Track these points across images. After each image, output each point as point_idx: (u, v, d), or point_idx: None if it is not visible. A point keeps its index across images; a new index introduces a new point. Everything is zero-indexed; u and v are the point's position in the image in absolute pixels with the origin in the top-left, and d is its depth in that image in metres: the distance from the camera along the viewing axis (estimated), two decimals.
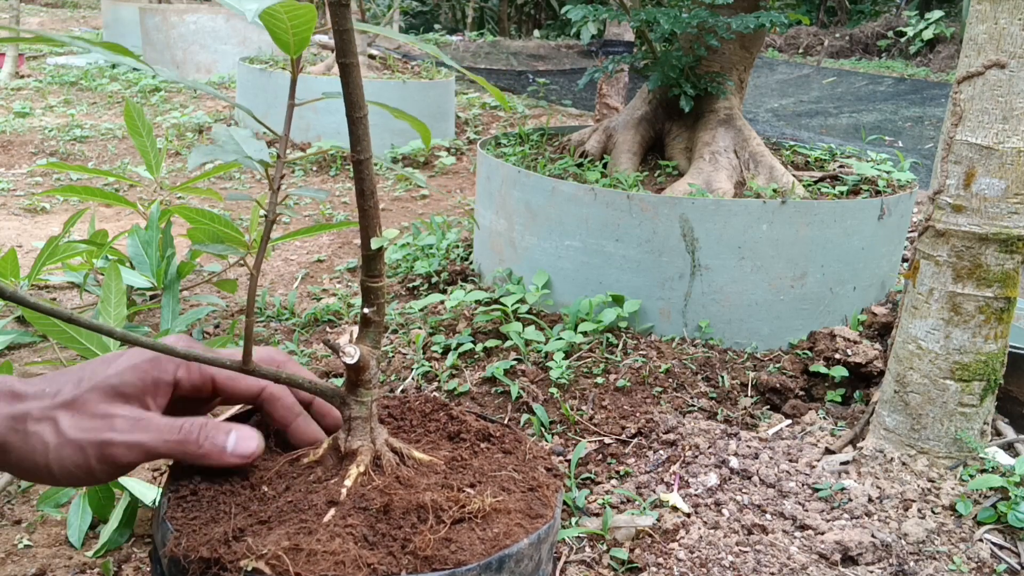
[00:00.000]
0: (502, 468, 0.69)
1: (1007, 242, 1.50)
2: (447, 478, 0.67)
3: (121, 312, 1.81)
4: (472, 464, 0.70)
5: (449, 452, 0.72)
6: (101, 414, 0.61)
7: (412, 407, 0.79)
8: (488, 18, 13.19)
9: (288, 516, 0.62)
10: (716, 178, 2.34)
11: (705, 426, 1.78)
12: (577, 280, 2.21)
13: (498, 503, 0.63)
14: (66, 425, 0.61)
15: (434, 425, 0.77)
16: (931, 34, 9.88)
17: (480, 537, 0.59)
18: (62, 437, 0.60)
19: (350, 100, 0.59)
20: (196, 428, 0.63)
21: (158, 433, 0.62)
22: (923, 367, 1.60)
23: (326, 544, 0.58)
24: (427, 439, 0.75)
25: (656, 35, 2.49)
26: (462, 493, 0.64)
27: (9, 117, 5.17)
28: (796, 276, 2.12)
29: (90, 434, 0.61)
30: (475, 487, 0.66)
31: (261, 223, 2.53)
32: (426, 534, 0.58)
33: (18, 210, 3.49)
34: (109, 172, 2.60)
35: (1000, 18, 1.42)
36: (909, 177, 2.47)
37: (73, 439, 0.60)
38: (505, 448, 0.73)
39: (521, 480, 0.67)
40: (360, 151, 0.62)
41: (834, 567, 1.39)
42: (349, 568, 0.56)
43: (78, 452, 0.60)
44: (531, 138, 2.94)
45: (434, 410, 0.79)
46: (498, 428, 0.76)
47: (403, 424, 0.77)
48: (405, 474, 0.67)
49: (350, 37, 0.57)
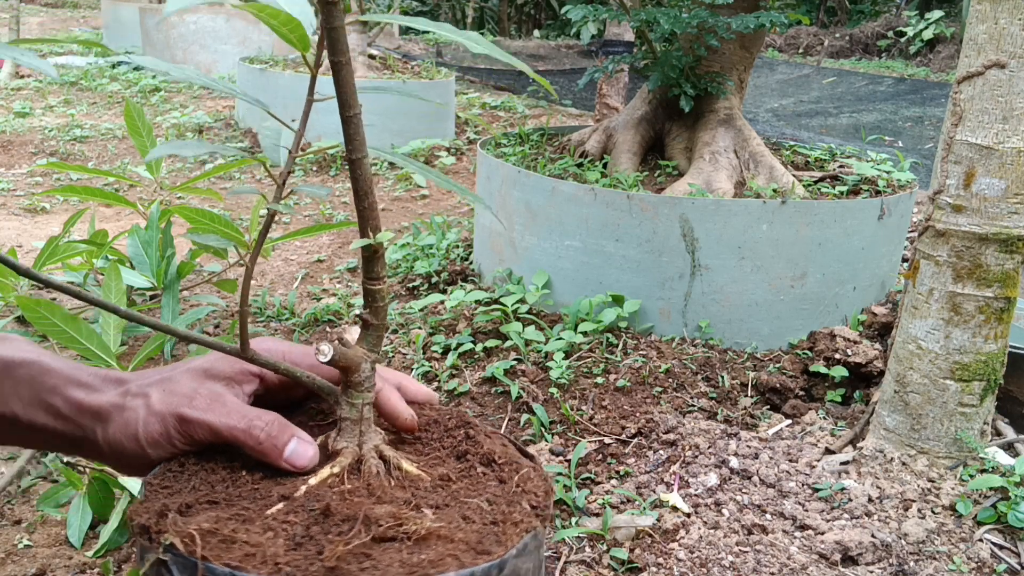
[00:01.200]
0: (480, 495, 0.66)
1: (1007, 242, 1.50)
2: (415, 495, 0.65)
3: None
4: (452, 486, 0.67)
5: (446, 470, 0.70)
6: (185, 391, 0.66)
7: (439, 419, 0.78)
8: (488, 18, 13.20)
9: (238, 501, 0.63)
10: (716, 178, 2.34)
11: (705, 426, 1.78)
12: (577, 280, 2.21)
13: (440, 528, 0.59)
14: (155, 399, 0.66)
15: (450, 441, 0.74)
16: (931, 34, 9.88)
17: (402, 560, 0.56)
18: (150, 409, 0.65)
19: (342, 99, 0.59)
20: (263, 423, 0.66)
21: (227, 418, 0.65)
22: (923, 367, 1.60)
23: (249, 535, 0.57)
24: (435, 454, 0.72)
25: (656, 35, 2.49)
26: (407, 512, 0.61)
27: (9, 117, 5.17)
28: (796, 276, 2.12)
29: (172, 407, 0.65)
30: (437, 509, 0.63)
31: (261, 223, 2.53)
32: (338, 545, 0.56)
33: (18, 210, 3.49)
34: (109, 172, 2.60)
35: (1000, 18, 1.42)
36: (909, 177, 2.47)
37: (158, 411, 0.65)
38: (502, 476, 0.70)
39: (490, 511, 0.63)
40: (353, 150, 0.61)
41: (834, 567, 1.39)
42: (257, 562, 0.55)
43: (160, 422, 0.65)
44: (531, 138, 2.94)
45: (457, 426, 0.76)
46: (506, 454, 0.72)
47: (422, 435, 0.75)
48: (379, 483, 0.65)
49: (340, 35, 0.57)
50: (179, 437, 0.65)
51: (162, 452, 0.65)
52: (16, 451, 1.75)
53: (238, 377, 0.69)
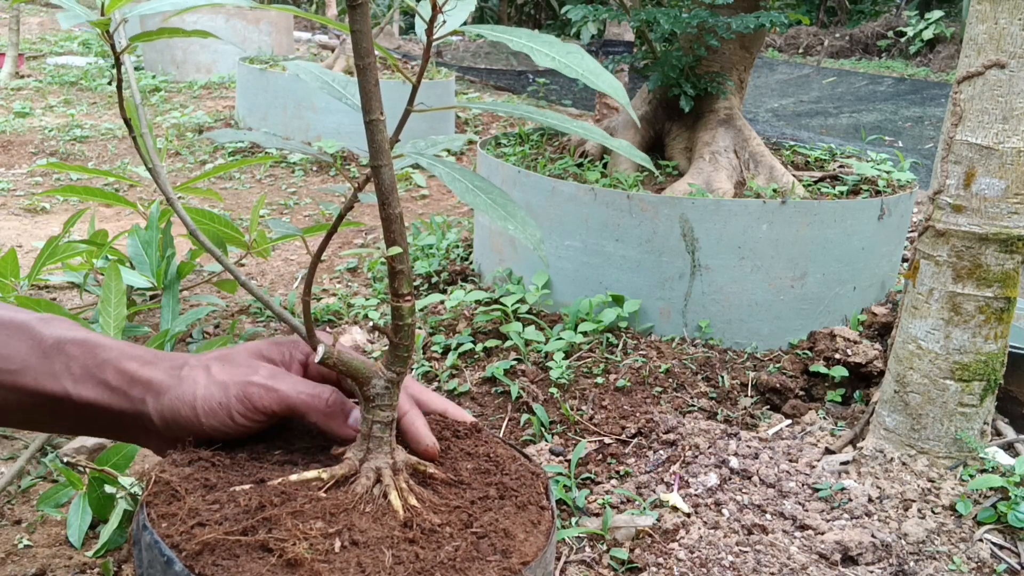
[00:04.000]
0: (456, 570, 0.62)
1: (1007, 242, 1.50)
2: (367, 534, 0.63)
3: (121, 312, 1.81)
4: (442, 542, 0.64)
5: (452, 519, 0.66)
6: (247, 364, 0.70)
7: (490, 455, 0.75)
8: (488, 18, 13.20)
9: (228, 474, 0.67)
10: (716, 178, 2.34)
11: (705, 426, 1.78)
12: (577, 280, 2.21)
13: (318, 555, 0.59)
14: (216, 370, 0.68)
15: (478, 486, 0.72)
16: (931, 34, 9.88)
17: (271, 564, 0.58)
18: (212, 378, 0.68)
19: (367, 103, 0.57)
20: (328, 391, 0.69)
21: (295, 385, 0.68)
22: (923, 367, 1.60)
23: (199, 500, 0.62)
24: (454, 499, 0.69)
25: (656, 35, 2.49)
26: (312, 545, 0.60)
27: (9, 117, 5.17)
28: (796, 276, 2.12)
29: (235, 376, 0.68)
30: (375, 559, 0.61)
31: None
32: (218, 535, 0.58)
33: (18, 210, 3.49)
34: (109, 172, 2.60)
35: (1000, 18, 1.42)
36: (909, 177, 2.47)
37: (220, 380, 0.68)
38: (507, 549, 0.65)
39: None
40: (377, 157, 0.59)
41: (834, 567, 1.39)
42: (175, 520, 0.59)
43: (222, 390, 0.67)
44: (531, 138, 2.94)
45: (492, 466, 0.74)
46: (528, 524, 0.68)
47: (463, 472, 0.73)
48: (352, 505, 0.64)
49: (367, 38, 0.55)
50: (240, 407, 0.67)
51: (216, 423, 0.67)
52: (16, 451, 1.75)
53: (288, 362, 0.73)
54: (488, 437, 0.78)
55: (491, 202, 0.62)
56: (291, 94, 4.69)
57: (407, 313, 0.64)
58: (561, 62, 0.57)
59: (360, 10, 0.54)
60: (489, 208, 0.61)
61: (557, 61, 0.57)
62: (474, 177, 0.63)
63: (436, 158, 0.67)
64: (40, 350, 0.69)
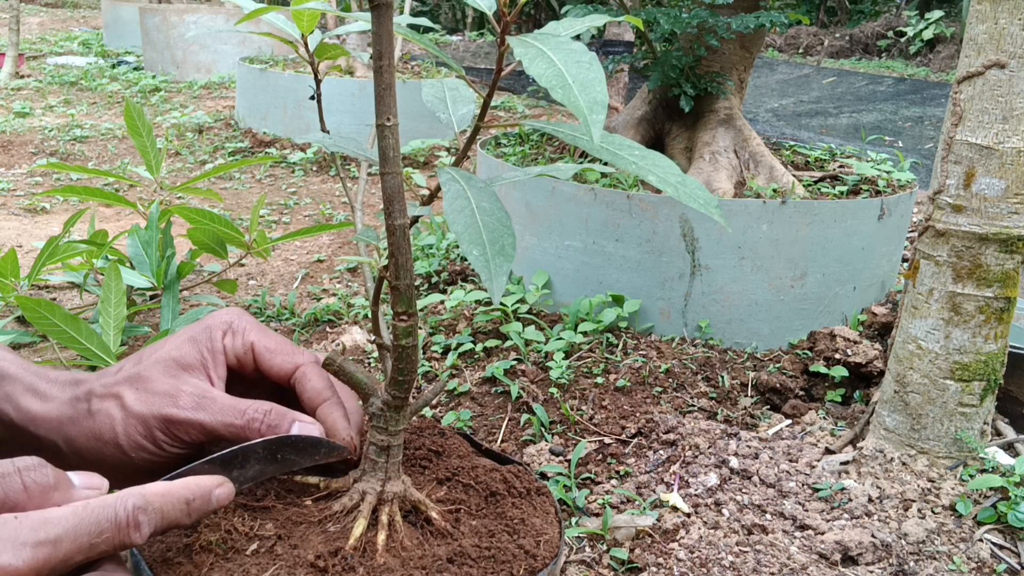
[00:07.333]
0: None
1: (1007, 242, 1.50)
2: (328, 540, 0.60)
3: (121, 312, 1.81)
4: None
5: (436, 552, 0.62)
6: (164, 390, 0.61)
7: (507, 478, 0.71)
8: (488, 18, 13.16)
9: None
10: (716, 178, 2.34)
11: (705, 426, 1.78)
12: (577, 280, 2.21)
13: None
14: (131, 400, 0.61)
15: (488, 516, 0.68)
16: (931, 34, 9.88)
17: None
18: (127, 411, 0.60)
19: (381, 107, 0.53)
20: (261, 414, 0.62)
21: (221, 415, 0.61)
22: (923, 367, 1.60)
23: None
24: (456, 529, 0.65)
25: (656, 35, 2.49)
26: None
27: (9, 117, 5.17)
28: (796, 276, 2.12)
29: (154, 408, 0.60)
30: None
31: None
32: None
33: (18, 210, 3.49)
34: (109, 172, 2.60)
35: (1000, 18, 1.42)
36: (909, 177, 2.47)
37: (138, 413, 0.60)
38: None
39: None
40: (388, 165, 0.55)
41: (834, 567, 1.39)
42: None
43: (143, 426, 0.60)
44: (531, 138, 2.94)
45: (497, 491, 0.69)
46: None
47: (469, 495, 0.70)
48: (311, 511, 0.62)
49: (388, 40, 0.51)
50: (166, 440, 0.61)
51: (148, 456, 0.61)
52: None
53: (209, 360, 0.65)
54: (525, 474, 0.72)
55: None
56: (291, 94, 4.69)
57: (402, 334, 0.58)
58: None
59: (383, 11, 0.51)
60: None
61: None
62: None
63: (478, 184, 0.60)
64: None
